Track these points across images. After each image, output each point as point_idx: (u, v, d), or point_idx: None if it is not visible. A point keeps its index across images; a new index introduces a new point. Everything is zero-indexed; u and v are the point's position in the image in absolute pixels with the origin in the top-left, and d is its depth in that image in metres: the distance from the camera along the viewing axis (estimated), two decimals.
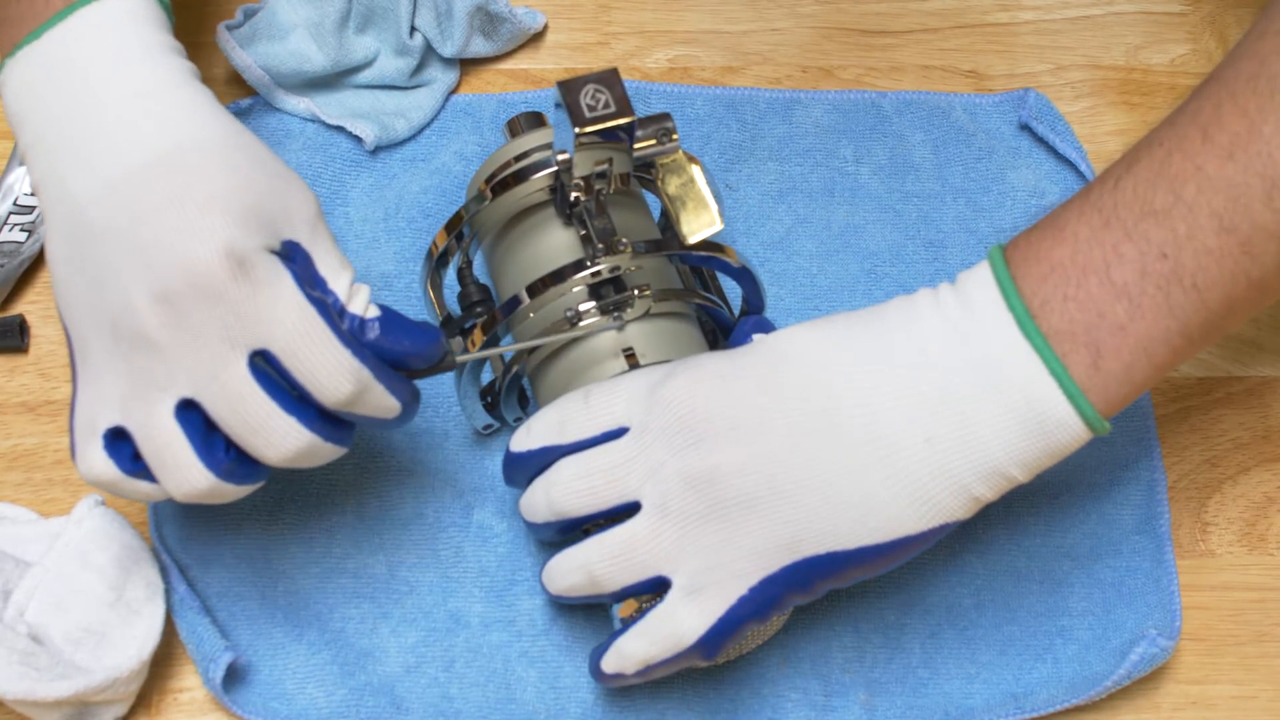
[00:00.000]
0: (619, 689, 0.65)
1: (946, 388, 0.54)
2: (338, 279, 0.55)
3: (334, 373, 0.53)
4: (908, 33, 0.79)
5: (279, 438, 0.53)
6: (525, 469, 0.60)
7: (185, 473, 0.53)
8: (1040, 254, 0.54)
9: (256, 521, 0.66)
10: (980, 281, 0.55)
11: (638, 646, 0.57)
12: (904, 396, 0.54)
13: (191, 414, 0.53)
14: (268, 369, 0.53)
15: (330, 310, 0.53)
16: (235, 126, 0.55)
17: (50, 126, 0.54)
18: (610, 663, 0.58)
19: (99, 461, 0.54)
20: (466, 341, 0.63)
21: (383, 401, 0.55)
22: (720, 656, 0.63)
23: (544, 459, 0.59)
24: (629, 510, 0.57)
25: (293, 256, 0.54)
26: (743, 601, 0.56)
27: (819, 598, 0.57)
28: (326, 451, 0.55)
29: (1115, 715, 0.66)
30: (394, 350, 0.55)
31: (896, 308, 0.56)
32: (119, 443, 0.54)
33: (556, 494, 0.58)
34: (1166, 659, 0.65)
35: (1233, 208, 0.51)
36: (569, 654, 0.65)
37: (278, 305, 0.52)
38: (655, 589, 0.57)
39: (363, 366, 0.53)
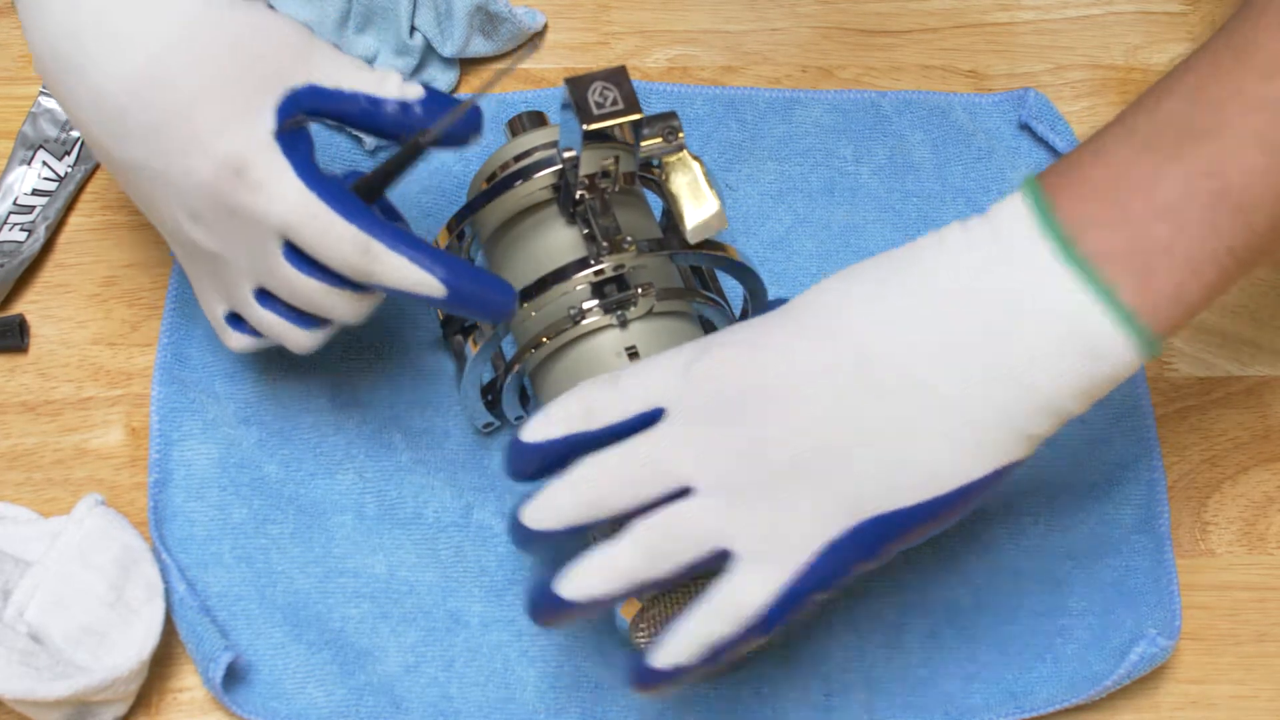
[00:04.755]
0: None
1: (988, 324, 0.51)
2: (357, 79, 0.57)
3: (342, 247, 0.55)
4: (907, 32, 0.79)
5: (343, 309, 0.58)
6: (540, 461, 0.55)
7: (294, 339, 0.60)
8: (1078, 177, 0.52)
9: (256, 522, 0.66)
10: (1014, 209, 0.52)
11: (699, 628, 0.54)
12: (943, 339, 0.52)
13: (269, 299, 0.59)
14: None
15: (336, 183, 0.56)
16: (196, 6, 0.55)
17: (50, 59, 0.56)
18: (670, 653, 0.54)
19: (237, 340, 0.62)
20: (468, 340, 0.63)
21: (406, 270, 0.56)
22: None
23: (567, 449, 0.54)
24: (673, 497, 0.54)
25: (300, 101, 0.56)
26: (809, 570, 0.53)
27: (890, 559, 0.55)
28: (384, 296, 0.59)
29: (1115, 715, 0.66)
30: (429, 121, 0.58)
31: (925, 246, 0.54)
32: (240, 320, 0.61)
33: (592, 492, 0.53)
34: (1166, 659, 0.65)
35: (1274, 126, 0.50)
36: (569, 654, 0.65)
37: (278, 198, 0.55)
38: (714, 564, 0.54)
39: (366, 236, 0.55)
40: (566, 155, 0.60)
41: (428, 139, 0.57)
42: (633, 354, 0.61)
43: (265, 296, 0.59)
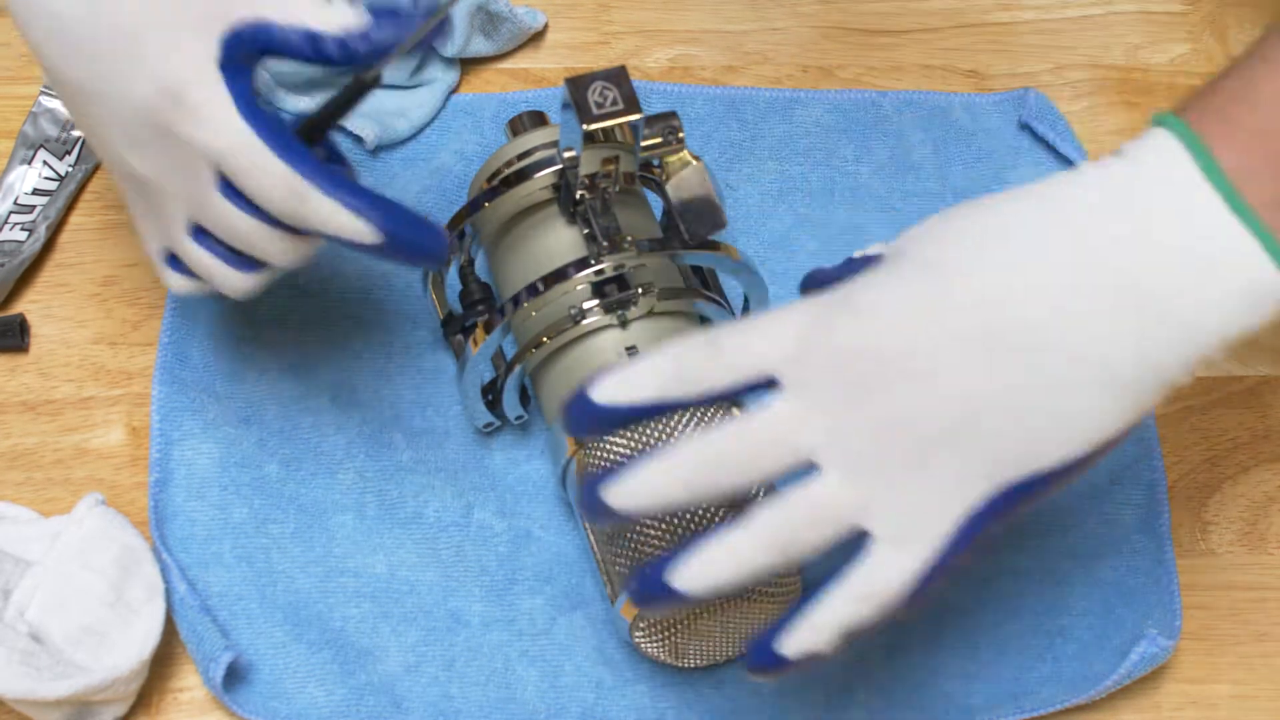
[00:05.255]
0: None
1: (1143, 276, 0.48)
2: (302, 12, 0.54)
3: (272, 187, 0.54)
4: (908, 32, 0.79)
5: (276, 250, 0.56)
6: (609, 424, 0.51)
7: (229, 281, 0.58)
8: (1235, 118, 0.49)
9: (256, 522, 0.66)
10: (1167, 153, 0.49)
11: (838, 612, 0.51)
12: (1097, 293, 0.49)
13: (205, 237, 0.57)
14: None
15: (277, 122, 0.55)
16: None
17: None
18: (802, 640, 0.51)
19: (175, 281, 0.61)
20: (469, 340, 0.63)
21: (338, 215, 0.54)
22: (722, 654, 0.63)
23: (650, 415, 0.51)
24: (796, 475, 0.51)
25: (244, 35, 0.54)
26: (950, 541, 0.50)
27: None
28: (323, 242, 0.57)
29: (1115, 715, 0.66)
30: (378, 41, 0.54)
31: (1063, 189, 0.50)
32: (179, 260, 0.59)
33: (698, 472, 0.50)
34: (1166, 658, 0.65)
35: None
36: (569, 654, 0.65)
37: (215, 131, 0.54)
38: (850, 545, 0.51)
39: (301, 179, 0.54)
40: (567, 155, 0.60)
41: (370, 76, 0.55)
42: (633, 354, 0.61)
43: (201, 234, 0.57)
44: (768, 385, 0.50)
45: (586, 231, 0.62)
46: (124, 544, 0.62)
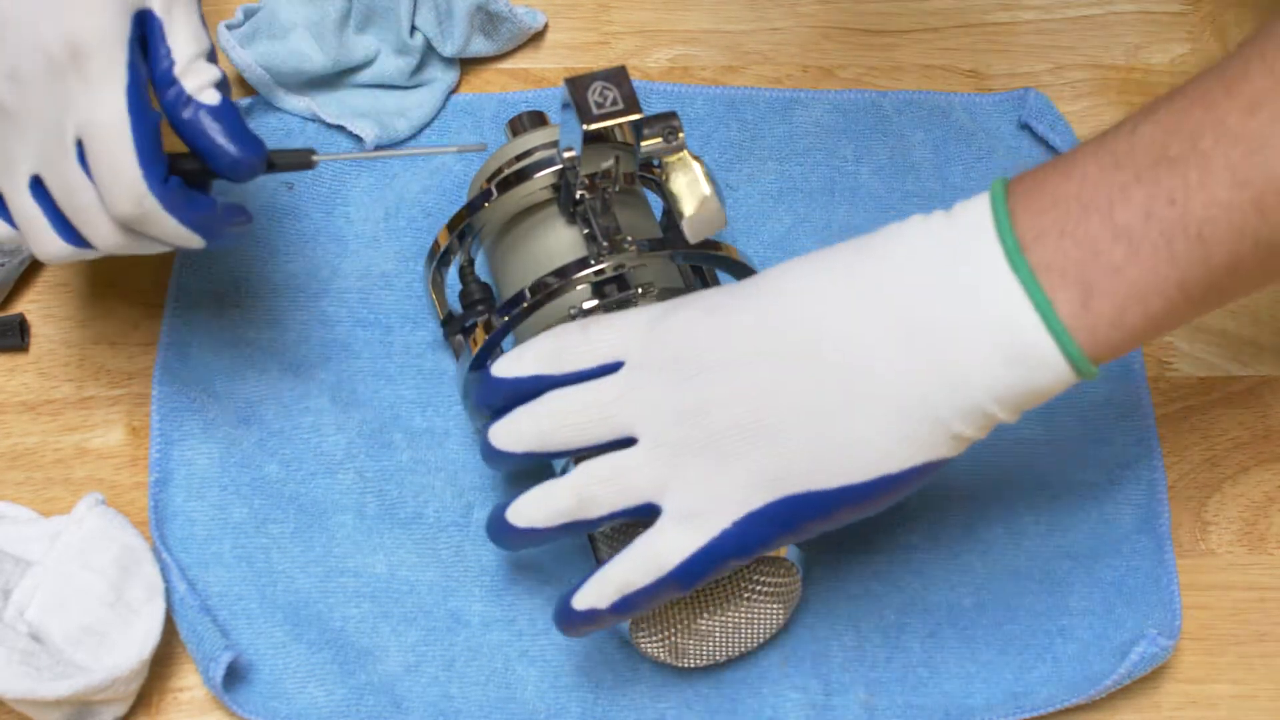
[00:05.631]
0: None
1: (929, 318, 0.52)
2: (184, 50, 0.55)
3: (117, 186, 0.53)
4: (908, 32, 0.79)
5: (100, 230, 0.55)
6: (506, 396, 0.59)
7: (44, 242, 0.56)
8: (1044, 188, 0.52)
9: (256, 522, 0.66)
10: (975, 210, 0.53)
11: (619, 571, 0.57)
12: (886, 327, 0.53)
13: (42, 189, 0.55)
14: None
15: (155, 129, 0.54)
16: None
17: None
18: (588, 596, 0.57)
19: None
20: (469, 340, 0.63)
21: (174, 231, 0.55)
22: (722, 654, 0.63)
23: (533, 387, 0.58)
24: (619, 445, 0.57)
25: (149, 28, 0.54)
26: (726, 534, 0.55)
27: (811, 538, 0.56)
28: (149, 246, 0.56)
29: (1115, 715, 0.66)
30: (203, 145, 0.55)
31: (887, 235, 0.55)
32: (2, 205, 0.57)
33: (549, 425, 0.57)
34: (1166, 658, 0.65)
35: (1249, 162, 0.49)
36: (569, 653, 0.65)
37: (96, 103, 0.53)
38: (642, 515, 0.57)
39: (148, 192, 0.53)
40: (567, 155, 0.60)
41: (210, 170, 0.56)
42: None
43: (39, 187, 0.55)
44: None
45: (586, 231, 0.62)
46: (124, 544, 0.62)
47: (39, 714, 0.60)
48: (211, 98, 0.55)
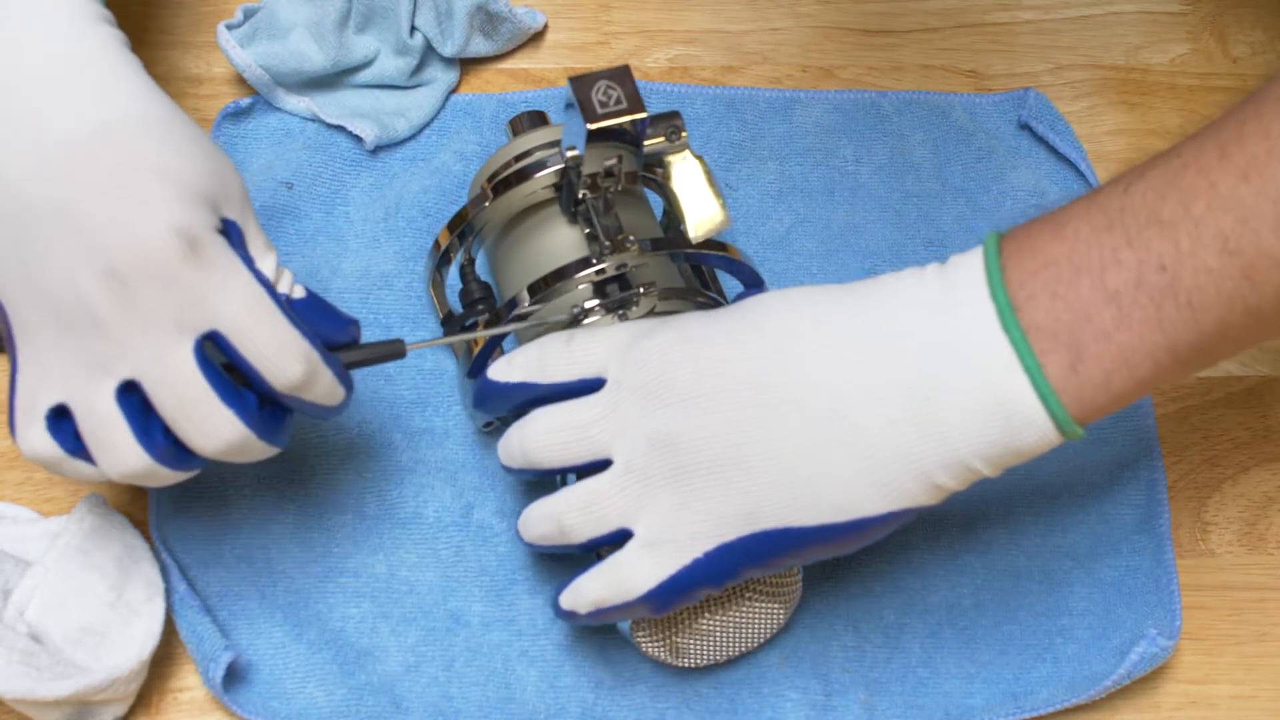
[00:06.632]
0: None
1: (916, 371, 0.52)
2: (264, 260, 0.55)
3: (285, 353, 0.53)
4: (908, 32, 0.79)
5: (214, 428, 0.52)
6: (499, 401, 0.60)
7: (121, 454, 0.53)
8: (1036, 247, 0.53)
9: (256, 521, 0.66)
10: (969, 267, 0.53)
11: (592, 588, 0.57)
12: (871, 376, 0.53)
13: (131, 396, 0.52)
14: (214, 355, 0.53)
15: (277, 291, 0.54)
16: (168, 100, 0.54)
17: None
18: (566, 600, 0.58)
19: (41, 441, 0.53)
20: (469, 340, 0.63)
21: (329, 387, 0.55)
22: (723, 654, 0.63)
23: (520, 394, 0.59)
24: (601, 465, 0.57)
25: (231, 235, 0.54)
26: (695, 564, 0.55)
27: (782, 570, 0.57)
28: (258, 449, 0.54)
29: (1115, 715, 0.66)
30: (319, 333, 0.56)
31: (880, 285, 0.55)
32: (61, 421, 0.53)
33: (531, 446, 0.58)
34: (1166, 658, 0.65)
35: (1240, 230, 0.49)
36: (569, 654, 0.65)
37: (229, 285, 0.52)
38: (618, 540, 0.57)
39: (312, 349, 0.53)
40: (570, 154, 0.60)
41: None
42: None
43: (125, 395, 0.52)
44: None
45: (588, 231, 0.62)
46: (124, 544, 0.62)
47: (39, 714, 0.60)
48: (300, 293, 0.56)
